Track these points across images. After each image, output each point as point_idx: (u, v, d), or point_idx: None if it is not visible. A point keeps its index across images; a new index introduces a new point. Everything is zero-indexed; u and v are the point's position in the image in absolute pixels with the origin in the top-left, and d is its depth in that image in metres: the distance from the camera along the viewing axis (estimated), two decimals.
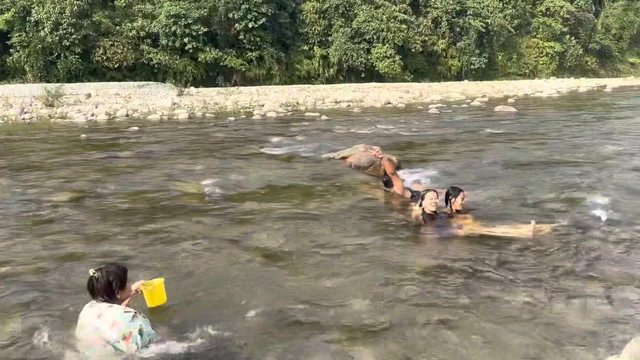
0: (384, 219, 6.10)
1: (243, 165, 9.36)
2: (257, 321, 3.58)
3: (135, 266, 4.51)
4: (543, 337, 3.36)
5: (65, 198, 7.00)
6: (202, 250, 4.98)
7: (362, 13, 43.38)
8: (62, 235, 5.42)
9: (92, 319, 3.06)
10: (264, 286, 4.14)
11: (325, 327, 3.50)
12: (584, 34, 57.72)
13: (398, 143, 12.26)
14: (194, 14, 36.54)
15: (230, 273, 4.43)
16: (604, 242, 5.17)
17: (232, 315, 3.63)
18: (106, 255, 4.80)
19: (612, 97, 30.77)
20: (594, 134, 13.87)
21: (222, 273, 4.43)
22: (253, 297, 3.91)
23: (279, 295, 3.97)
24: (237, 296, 3.95)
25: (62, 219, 6.02)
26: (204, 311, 3.71)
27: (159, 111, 20.07)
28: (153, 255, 4.85)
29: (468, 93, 32.10)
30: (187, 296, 3.95)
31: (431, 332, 3.43)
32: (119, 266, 3.24)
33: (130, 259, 4.71)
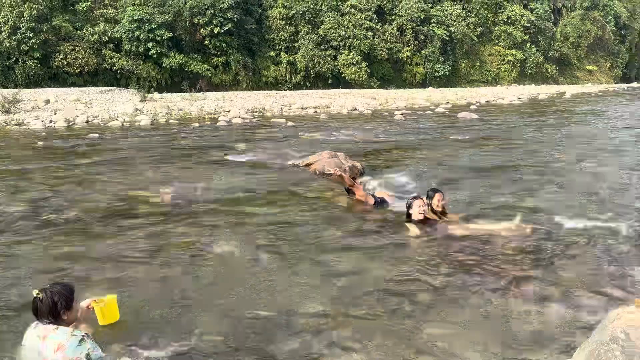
0: (348, 226, 6.07)
1: (206, 173, 9.20)
2: (216, 337, 3.47)
3: (88, 282, 4.34)
4: (500, 339, 3.37)
5: (16, 209, 6.72)
6: (161, 263, 4.82)
7: (328, 20, 43.63)
8: (10, 248, 5.18)
9: (35, 342, 2.86)
10: (224, 299, 4.03)
11: (285, 339, 3.43)
12: (544, 42, 59.55)
13: (364, 149, 12.31)
14: (158, 18, 36.01)
15: (189, 286, 4.30)
16: (563, 245, 5.26)
17: (190, 332, 3.51)
18: (58, 270, 4.60)
19: (571, 103, 31.76)
20: (553, 139, 14.25)
21: (180, 287, 4.29)
22: (212, 312, 3.80)
23: (240, 309, 3.87)
24: (195, 311, 3.83)
25: (11, 231, 5.76)
26: (160, 328, 3.58)
27: (121, 117, 19.63)
28: (108, 269, 4.67)
29: (432, 100, 32.60)
30: (142, 312, 3.80)
31: (392, 340, 3.41)
32: (66, 285, 3.05)
33: (84, 274, 4.52)
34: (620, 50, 69.30)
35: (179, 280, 4.44)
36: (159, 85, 36.48)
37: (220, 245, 5.29)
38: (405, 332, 3.54)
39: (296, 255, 5.03)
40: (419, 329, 3.56)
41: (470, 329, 3.57)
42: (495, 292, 4.18)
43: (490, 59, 55.90)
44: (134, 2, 36.81)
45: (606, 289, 4.22)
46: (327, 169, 7.35)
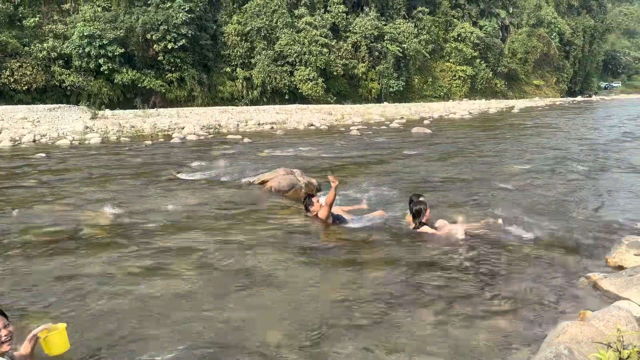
0: (305, 243, 6.05)
1: (158, 192, 8.99)
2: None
3: (34, 310, 4.14)
4: (450, 356, 3.41)
5: None
6: (110, 288, 4.63)
7: (284, 36, 43.85)
8: None
9: None
10: (178, 325, 3.90)
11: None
12: (493, 58, 61.77)
13: (320, 165, 12.35)
14: (109, 34, 35.23)
15: (141, 313, 4.14)
16: (509, 257, 5.40)
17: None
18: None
19: (519, 117, 32.98)
20: (502, 152, 14.73)
21: (131, 313, 4.13)
22: (165, 339, 3.68)
23: (195, 334, 3.76)
24: (147, 339, 3.69)
25: None
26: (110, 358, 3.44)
27: (70, 136, 19.00)
28: (55, 296, 4.46)
29: (387, 115, 33.17)
30: (91, 341, 3.64)
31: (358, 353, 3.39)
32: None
33: (28, 302, 4.31)
34: (565, 65, 72.70)
35: (127, 305, 4.28)
36: (111, 102, 35.57)
37: (171, 268, 5.15)
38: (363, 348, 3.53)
39: (250, 276, 4.95)
40: (375, 342, 3.56)
41: (418, 348, 3.59)
42: (437, 306, 4.23)
43: (442, 75, 57.48)
44: (85, 17, 35.92)
45: (553, 301, 4.35)
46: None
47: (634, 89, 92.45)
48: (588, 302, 4.33)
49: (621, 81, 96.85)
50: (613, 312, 3.48)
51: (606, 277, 4.73)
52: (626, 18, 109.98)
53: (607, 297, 4.41)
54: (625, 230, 6.35)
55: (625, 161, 12.66)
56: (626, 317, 3.43)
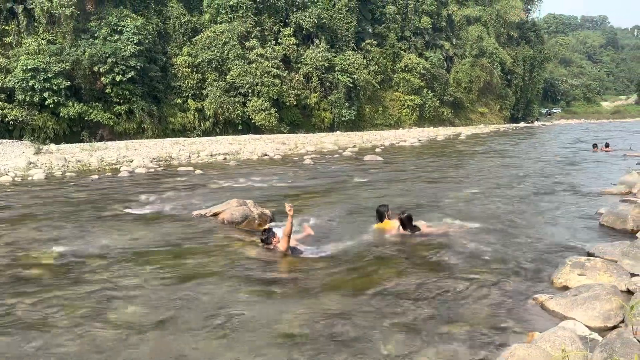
0: (260, 275, 5.96)
1: (104, 229, 8.67)
2: None
3: None
4: None
5: None
6: (56, 333, 4.39)
7: (235, 68, 44.00)
8: None
9: None
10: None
11: None
12: (439, 87, 64.08)
13: (274, 195, 12.30)
14: (54, 67, 34.32)
15: (88, 356, 3.94)
16: (459, 280, 5.50)
17: None
18: None
19: (466, 143, 34.14)
20: (450, 177, 15.15)
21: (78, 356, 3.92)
22: None
23: None
24: None
25: None
26: None
27: (12, 172, 18.17)
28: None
29: (340, 143, 33.60)
30: None
31: None
32: None
33: None
34: (507, 93, 76.24)
35: (73, 349, 4.06)
36: (57, 136, 34.41)
37: (127, 306, 4.95)
38: None
39: (204, 309, 4.82)
40: None
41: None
42: (385, 332, 4.24)
43: (392, 104, 59.03)
44: (28, 50, 34.91)
45: (501, 323, 4.43)
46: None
47: (572, 114, 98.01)
48: (536, 322, 4.44)
49: (560, 107, 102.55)
50: (559, 333, 3.59)
51: (552, 297, 4.88)
52: (562, 48, 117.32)
53: (554, 317, 4.54)
54: (569, 251, 6.60)
55: (567, 183, 13.26)
56: (571, 337, 3.53)
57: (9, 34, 36.44)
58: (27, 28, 37.00)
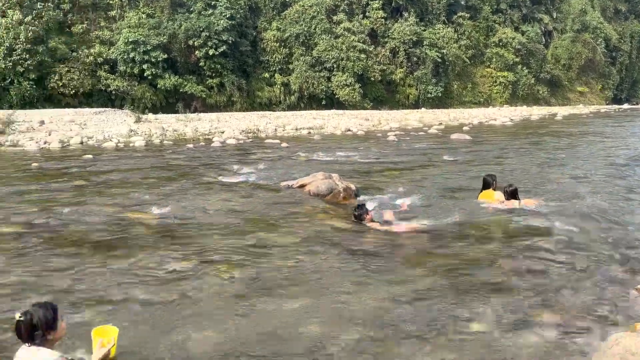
0: (343, 247, 6.07)
1: (200, 194, 9.18)
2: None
3: (82, 304, 4.31)
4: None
5: (10, 230, 6.67)
6: (154, 287, 4.78)
7: (322, 42, 44.09)
8: (5, 269, 5.13)
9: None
10: (223, 324, 3.98)
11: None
12: (535, 64, 60.36)
13: (358, 170, 12.35)
14: (153, 40, 36.27)
15: (186, 310, 4.25)
16: (562, 268, 5.27)
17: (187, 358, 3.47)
18: (51, 291, 4.56)
19: (562, 124, 32.11)
20: (546, 160, 14.36)
21: (176, 311, 4.25)
22: (210, 337, 3.76)
23: (240, 333, 3.83)
24: (193, 338, 3.78)
25: (4, 252, 5.71)
26: (152, 354, 3.54)
27: (115, 138, 19.63)
28: (103, 291, 4.63)
29: (425, 121, 32.87)
30: (135, 338, 3.75)
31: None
32: (47, 305, 3.02)
33: (77, 296, 4.49)
34: (611, 72, 70.35)
35: (177, 304, 4.39)
36: (154, 107, 36.56)
37: (215, 268, 5.26)
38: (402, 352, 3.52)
39: (290, 278, 5.00)
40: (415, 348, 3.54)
41: (464, 355, 3.56)
42: (484, 314, 4.17)
43: (482, 81, 56.54)
44: (130, 24, 37.11)
45: (604, 313, 4.22)
46: None
47: None
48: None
49: None
50: None
51: None
52: None
53: None
54: None
55: None
56: None
57: (112, 8, 38.90)
58: (129, 2, 39.26)
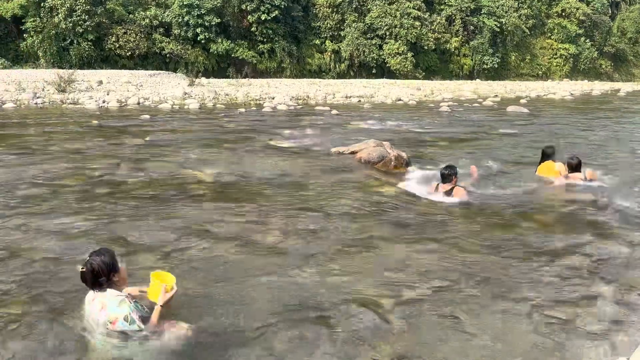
0: (395, 214, 6.05)
1: (253, 157, 9.33)
2: (260, 318, 3.52)
3: (141, 252, 4.51)
4: (549, 337, 3.30)
5: (74, 182, 7.01)
6: (209, 240, 4.92)
7: (375, 8, 43.16)
8: (71, 220, 5.41)
9: (88, 304, 3.14)
10: (269, 283, 4.07)
11: (332, 323, 3.47)
12: (599, 36, 57.09)
13: (409, 139, 12.19)
14: (207, 4, 36.52)
15: (236, 266, 4.37)
16: (617, 244, 5.08)
17: (235, 311, 3.58)
18: (113, 240, 4.79)
19: (626, 101, 30.43)
20: (610, 137, 13.70)
21: (227, 266, 4.37)
22: (256, 294, 3.86)
23: (284, 291, 3.91)
24: (240, 291, 3.90)
25: (69, 203, 6.01)
26: (203, 304, 3.67)
27: (170, 100, 20.10)
28: (161, 242, 4.82)
29: (480, 92, 31.88)
30: (188, 287, 3.89)
31: (442, 331, 3.39)
32: (104, 252, 3.16)
33: (137, 244, 4.69)
34: None
35: (229, 259, 4.52)
36: (206, 71, 37.11)
37: (271, 228, 5.37)
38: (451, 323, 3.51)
39: (341, 243, 5.04)
40: (461, 320, 3.53)
41: (520, 324, 3.52)
42: (545, 286, 4.08)
43: (542, 53, 54.08)
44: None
45: None
46: None
47: None
48: None
49: None
50: None
51: None
52: None
53: None
54: None
55: None
56: None
57: None
58: None
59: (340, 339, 3.26)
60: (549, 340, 3.29)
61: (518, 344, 3.23)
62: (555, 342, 3.26)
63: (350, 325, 3.42)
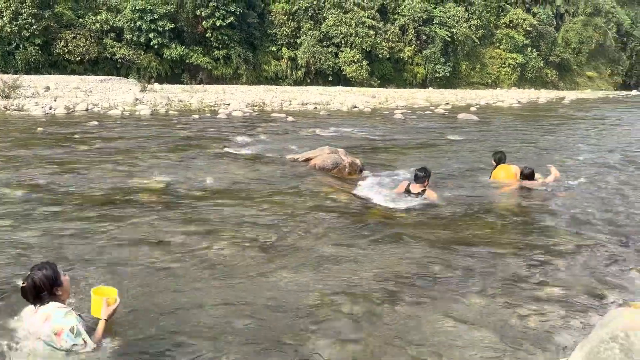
0: (347, 220, 6.08)
1: (205, 164, 9.19)
2: (207, 330, 3.47)
3: (84, 267, 4.34)
4: (493, 339, 3.39)
5: (16, 191, 6.70)
6: (155, 252, 4.79)
7: (331, 17, 43.56)
8: (9, 232, 5.17)
9: (29, 317, 3.03)
10: (217, 294, 3.99)
11: (280, 332, 3.44)
12: (545, 47, 59.63)
13: (363, 146, 12.32)
14: (160, 9, 35.87)
15: (183, 278, 4.26)
16: (562, 244, 5.29)
17: (181, 323, 3.49)
18: (55, 252, 4.60)
19: (571, 108, 31.84)
20: (553, 143, 14.28)
21: (173, 277, 4.25)
22: (208, 304, 3.79)
23: (232, 302, 3.86)
24: (186, 302, 3.81)
25: (9, 214, 5.74)
26: (148, 316, 3.57)
27: (121, 106, 19.57)
28: (105, 255, 4.66)
29: (432, 100, 32.64)
30: (134, 300, 3.78)
31: (400, 327, 3.42)
32: (46, 266, 3.06)
33: (80, 258, 4.52)
34: (621, 57, 69.50)
35: (176, 270, 4.42)
36: (159, 76, 36.38)
37: (221, 237, 5.29)
38: (404, 323, 3.55)
39: (291, 250, 5.03)
40: (417, 319, 3.58)
41: (465, 329, 3.59)
42: (483, 288, 4.19)
43: (491, 62, 55.95)
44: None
45: (603, 291, 4.25)
46: None
47: None
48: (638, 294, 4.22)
49: None
50: None
51: None
52: None
53: None
54: None
55: None
56: None
57: None
58: None
59: (292, 349, 3.24)
60: (489, 342, 3.37)
61: (466, 345, 3.30)
62: (494, 344, 3.34)
63: (300, 333, 3.40)
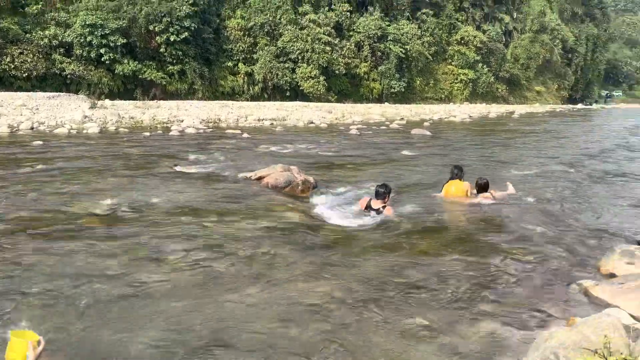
0: (300, 238, 6.04)
1: (154, 184, 8.96)
2: None
3: (14, 307, 4.12)
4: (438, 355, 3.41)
5: None
6: (95, 281, 4.59)
7: (287, 33, 43.81)
8: None
9: None
10: (170, 320, 3.88)
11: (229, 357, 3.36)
12: (495, 62, 61.82)
13: (318, 163, 12.35)
14: (112, 24, 35.14)
15: (125, 308, 4.11)
16: (503, 260, 5.40)
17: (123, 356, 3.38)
18: None
19: (520, 122, 33.02)
20: (501, 157, 14.74)
21: (114, 308, 4.10)
22: (154, 334, 3.67)
23: (188, 329, 3.74)
24: (136, 331, 3.68)
25: None
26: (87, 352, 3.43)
27: (68, 124, 18.95)
28: (40, 286, 4.43)
29: (387, 115, 33.19)
30: (70, 336, 3.61)
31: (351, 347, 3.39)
32: None
33: (9, 296, 4.29)
34: (567, 72, 72.85)
35: (121, 300, 4.26)
36: (111, 92, 35.49)
37: (166, 260, 5.14)
38: (354, 342, 3.53)
39: (243, 271, 4.95)
40: (367, 338, 3.56)
41: (404, 350, 3.60)
42: (423, 307, 4.23)
43: (444, 78, 57.50)
44: (87, 6, 35.81)
45: (543, 306, 4.35)
46: None
47: (634, 98, 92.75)
48: (578, 308, 4.33)
49: (622, 90, 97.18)
50: (602, 319, 3.48)
51: (597, 284, 4.74)
52: (629, 28, 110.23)
53: (597, 304, 4.41)
54: (619, 239, 6.36)
55: (624, 170, 12.67)
56: (614, 324, 3.42)
57: None
58: None
59: None
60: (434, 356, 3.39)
61: None
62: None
63: (249, 355, 3.32)
